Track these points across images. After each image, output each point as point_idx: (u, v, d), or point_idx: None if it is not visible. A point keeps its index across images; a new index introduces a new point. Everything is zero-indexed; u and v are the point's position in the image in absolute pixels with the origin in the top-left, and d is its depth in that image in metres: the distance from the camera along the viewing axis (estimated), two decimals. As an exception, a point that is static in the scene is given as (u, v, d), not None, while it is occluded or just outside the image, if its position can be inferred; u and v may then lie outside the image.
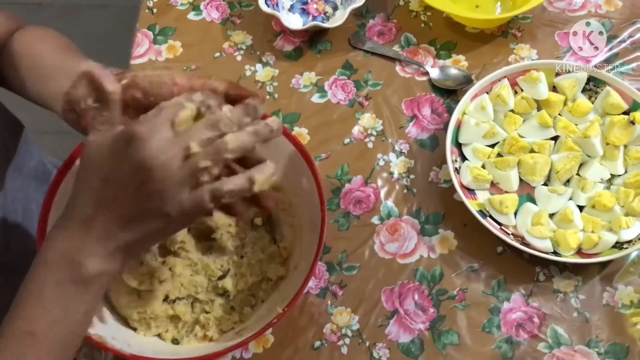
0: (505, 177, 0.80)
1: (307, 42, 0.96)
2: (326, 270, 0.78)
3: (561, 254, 0.75)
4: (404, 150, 0.86)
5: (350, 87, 0.92)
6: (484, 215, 0.77)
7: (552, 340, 0.73)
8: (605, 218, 0.76)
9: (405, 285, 0.77)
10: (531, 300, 0.75)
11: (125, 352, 0.64)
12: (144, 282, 0.70)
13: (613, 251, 0.74)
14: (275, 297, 0.72)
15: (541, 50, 0.93)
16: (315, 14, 0.98)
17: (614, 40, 0.93)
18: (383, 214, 0.81)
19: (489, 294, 0.76)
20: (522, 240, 0.76)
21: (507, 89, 0.84)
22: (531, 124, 0.83)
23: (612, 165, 0.80)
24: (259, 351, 0.74)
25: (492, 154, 0.82)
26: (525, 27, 0.95)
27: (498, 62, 0.92)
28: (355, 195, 0.83)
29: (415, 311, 0.75)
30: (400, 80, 0.92)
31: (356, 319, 0.75)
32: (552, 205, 0.78)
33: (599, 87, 0.84)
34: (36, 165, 0.82)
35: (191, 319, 0.71)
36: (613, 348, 0.72)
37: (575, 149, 0.80)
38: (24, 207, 0.77)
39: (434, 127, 0.87)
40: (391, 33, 0.96)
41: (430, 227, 0.80)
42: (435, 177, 0.84)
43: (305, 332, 0.75)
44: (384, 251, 0.79)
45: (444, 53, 0.93)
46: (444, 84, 0.90)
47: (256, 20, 0.98)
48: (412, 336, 0.74)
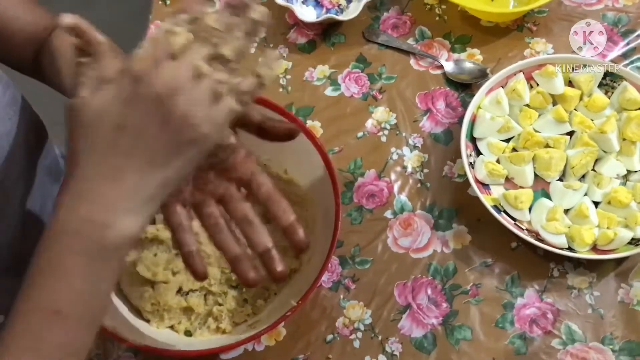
0: (520, 172, 0.79)
1: (320, 35, 0.96)
2: (339, 264, 0.78)
3: (576, 250, 0.74)
4: (417, 144, 0.86)
5: (363, 80, 0.91)
6: (499, 210, 0.76)
7: (566, 337, 0.72)
8: (621, 214, 0.76)
9: (419, 280, 0.76)
10: (545, 296, 0.75)
11: (138, 344, 0.64)
12: (157, 274, 0.70)
13: (629, 247, 0.73)
14: (288, 290, 0.72)
15: (557, 45, 0.92)
16: (329, 6, 0.98)
17: (631, 35, 0.91)
18: (396, 208, 0.81)
19: (503, 290, 0.75)
20: (537, 236, 0.75)
21: (523, 83, 0.83)
22: (547, 119, 0.82)
23: (629, 160, 0.79)
24: (271, 344, 0.74)
25: (507, 148, 0.81)
26: (541, 20, 0.94)
27: (513, 56, 0.91)
28: (368, 189, 0.83)
29: (428, 306, 0.75)
30: (415, 74, 0.91)
31: (369, 313, 0.75)
32: (567, 200, 0.77)
33: (616, 82, 0.83)
34: (51, 163, 0.82)
35: (204, 311, 0.72)
36: (628, 345, 0.71)
37: (591, 144, 0.79)
38: (41, 203, 0.77)
39: (448, 121, 0.87)
40: (405, 26, 0.96)
41: (444, 221, 0.80)
42: (449, 171, 0.83)
43: (318, 326, 0.75)
44: (397, 245, 0.79)
45: (458, 47, 0.93)
46: (459, 78, 0.89)
47: (269, 12, 0.97)
48: (425, 331, 0.74)
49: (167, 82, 0.44)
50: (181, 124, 0.45)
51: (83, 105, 0.46)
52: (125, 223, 0.46)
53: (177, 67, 0.45)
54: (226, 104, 0.47)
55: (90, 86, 0.46)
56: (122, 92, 0.45)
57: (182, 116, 0.45)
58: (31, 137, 0.75)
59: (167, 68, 0.45)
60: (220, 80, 0.46)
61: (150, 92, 0.44)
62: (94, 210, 0.46)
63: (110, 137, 0.45)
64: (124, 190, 0.46)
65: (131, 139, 0.45)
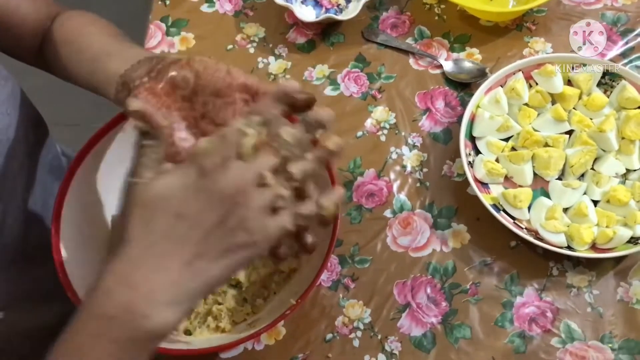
0: (519, 171, 0.79)
1: (320, 35, 0.96)
2: (338, 263, 0.78)
3: (575, 249, 0.74)
4: (417, 144, 0.86)
5: (363, 79, 0.91)
6: (498, 209, 0.76)
7: (565, 335, 0.72)
8: (620, 213, 0.76)
9: (418, 279, 0.77)
10: (544, 295, 0.75)
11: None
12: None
13: (628, 246, 0.73)
14: (288, 289, 0.72)
15: (556, 44, 0.92)
16: (328, 6, 0.98)
17: (630, 34, 0.92)
18: (395, 207, 0.81)
19: (502, 288, 0.75)
20: (536, 235, 0.75)
21: (522, 82, 0.83)
22: (546, 118, 0.82)
23: (628, 159, 0.79)
24: (271, 343, 0.74)
25: (506, 147, 0.81)
26: (540, 20, 0.94)
27: (512, 55, 0.91)
28: (367, 188, 0.83)
29: (428, 305, 0.75)
30: (414, 73, 0.91)
31: (368, 312, 0.75)
32: (567, 199, 0.77)
33: (615, 81, 0.83)
34: (52, 160, 0.83)
35: (204, 310, 0.72)
36: (627, 344, 0.71)
37: (590, 143, 0.79)
38: (43, 200, 0.77)
39: (448, 121, 0.87)
40: (405, 26, 0.96)
41: (443, 220, 0.80)
42: (448, 170, 0.83)
43: (317, 325, 0.75)
44: (396, 244, 0.79)
45: (457, 46, 0.93)
46: (458, 77, 0.90)
47: (269, 12, 0.98)
48: (424, 330, 0.74)
49: (233, 183, 0.45)
50: (237, 226, 0.45)
51: (145, 187, 0.46)
52: (163, 316, 0.45)
53: (245, 169, 0.46)
54: (282, 220, 0.47)
55: (154, 169, 0.47)
56: (187, 182, 0.46)
57: (240, 218, 0.45)
58: (31, 133, 0.75)
59: (234, 168, 0.45)
60: (281, 195, 0.47)
61: (215, 188, 0.45)
62: (135, 298, 0.44)
63: (167, 223, 0.45)
64: (169, 282, 0.45)
65: (187, 230, 0.45)
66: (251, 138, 0.47)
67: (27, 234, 0.73)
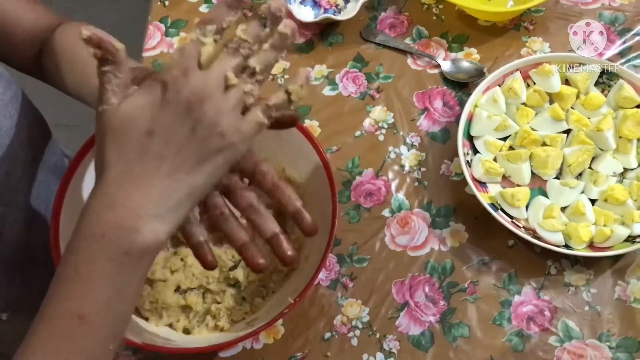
0: (517, 170, 0.80)
1: (318, 35, 0.96)
2: (337, 262, 0.78)
3: (573, 248, 0.74)
4: (415, 143, 0.86)
5: (361, 79, 0.92)
6: (496, 208, 0.77)
7: (563, 334, 0.73)
8: (617, 211, 0.76)
9: (416, 278, 0.77)
10: (542, 294, 0.75)
11: (137, 341, 0.64)
12: (155, 272, 0.71)
13: (625, 245, 0.73)
14: (286, 288, 0.72)
15: (554, 44, 0.92)
16: (326, 6, 0.98)
17: (627, 33, 0.92)
18: (394, 206, 0.81)
19: (500, 287, 0.76)
20: (534, 234, 0.75)
21: (520, 81, 0.83)
22: (543, 117, 0.82)
23: (625, 158, 0.80)
24: (270, 342, 0.74)
25: (504, 147, 0.82)
26: (538, 20, 0.94)
27: (510, 55, 0.91)
28: (366, 187, 0.83)
29: (426, 303, 0.75)
30: (412, 73, 0.92)
31: (366, 310, 0.75)
32: (564, 198, 0.78)
33: (612, 80, 0.83)
34: (56, 161, 0.83)
35: (202, 309, 0.72)
36: (625, 342, 0.72)
37: (587, 142, 0.80)
38: (46, 201, 0.77)
39: (446, 120, 0.87)
40: (403, 26, 0.96)
41: (441, 220, 0.80)
42: (446, 170, 0.84)
43: (316, 324, 0.75)
44: (394, 244, 0.79)
45: (455, 46, 0.93)
46: (456, 77, 0.90)
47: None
48: (422, 328, 0.74)
49: (196, 90, 0.45)
50: (209, 132, 0.46)
51: (112, 112, 0.46)
52: (152, 228, 0.46)
53: (207, 76, 0.46)
54: (254, 116, 0.48)
55: (117, 93, 0.47)
56: (152, 99, 0.46)
57: (210, 124, 0.46)
58: (33, 134, 0.75)
59: (196, 77, 0.46)
60: (248, 91, 0.47)
61: (180, 99, 0.45)
62: (122, 214, 0.46)
63: (139, 142, 0.46)
64: (152, 196, 0.46)
65: (160, 145, 0.46)
66: (209, 46, 0.47)
67: (30, 235, 0.73)
